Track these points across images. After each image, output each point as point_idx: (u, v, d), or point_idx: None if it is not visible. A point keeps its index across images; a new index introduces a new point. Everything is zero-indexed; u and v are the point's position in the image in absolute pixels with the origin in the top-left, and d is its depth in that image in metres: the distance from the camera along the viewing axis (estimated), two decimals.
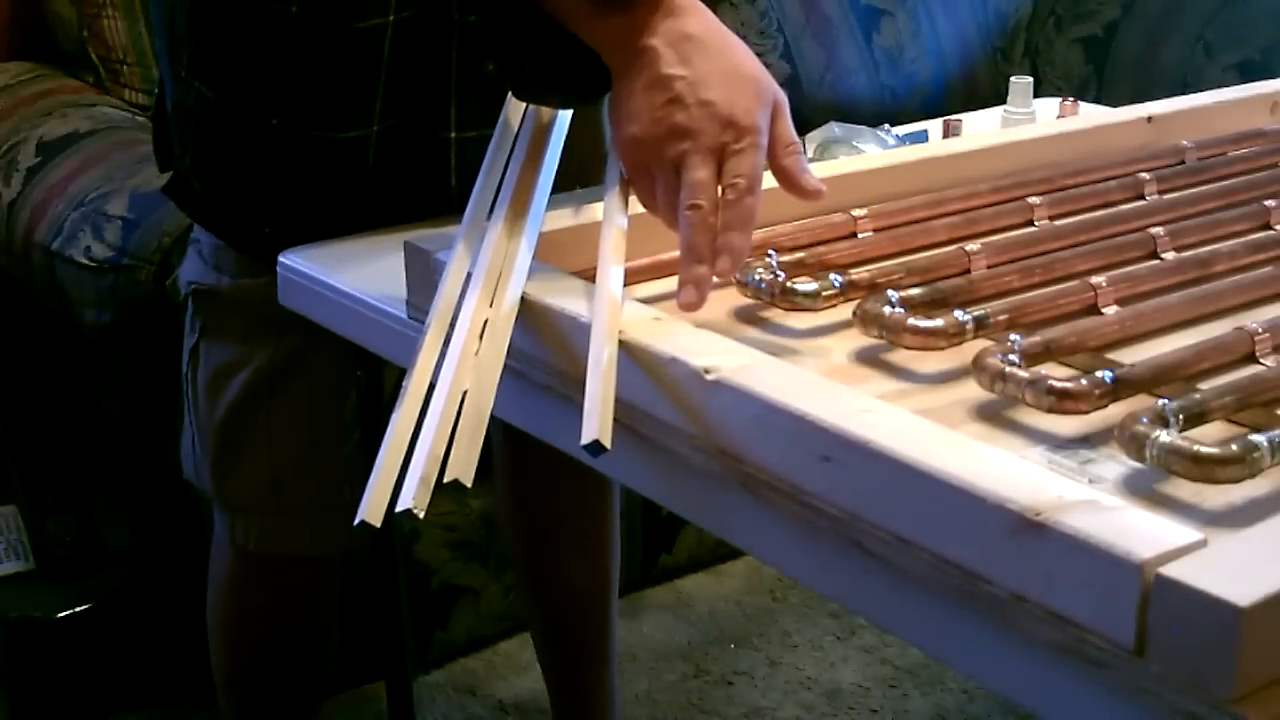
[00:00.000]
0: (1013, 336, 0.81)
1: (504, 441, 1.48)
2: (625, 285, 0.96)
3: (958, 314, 0.85)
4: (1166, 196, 1.13)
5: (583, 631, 1.57)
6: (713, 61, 0.92)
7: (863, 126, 1.61)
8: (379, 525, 0.77)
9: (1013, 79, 1.75)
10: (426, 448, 0.78)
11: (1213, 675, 0.57)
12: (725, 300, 0.96)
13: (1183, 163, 1.20)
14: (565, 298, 0.87)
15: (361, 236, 1.16)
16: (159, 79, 1.25)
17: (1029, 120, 1.69)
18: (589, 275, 0.94)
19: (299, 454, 1.26)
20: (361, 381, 1.25)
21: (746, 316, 0.94)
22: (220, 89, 1.15)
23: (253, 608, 1.38)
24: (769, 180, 0.99)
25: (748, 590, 2.12)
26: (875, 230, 1.04)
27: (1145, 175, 1.15)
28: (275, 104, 1.13)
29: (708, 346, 0.80)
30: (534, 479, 1.52)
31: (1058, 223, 1.07)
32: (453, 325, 0.87)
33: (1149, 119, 1.26)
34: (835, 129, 1.60)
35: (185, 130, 1.20)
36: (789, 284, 0.91)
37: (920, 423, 0.71)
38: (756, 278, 0.93)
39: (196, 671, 1.53)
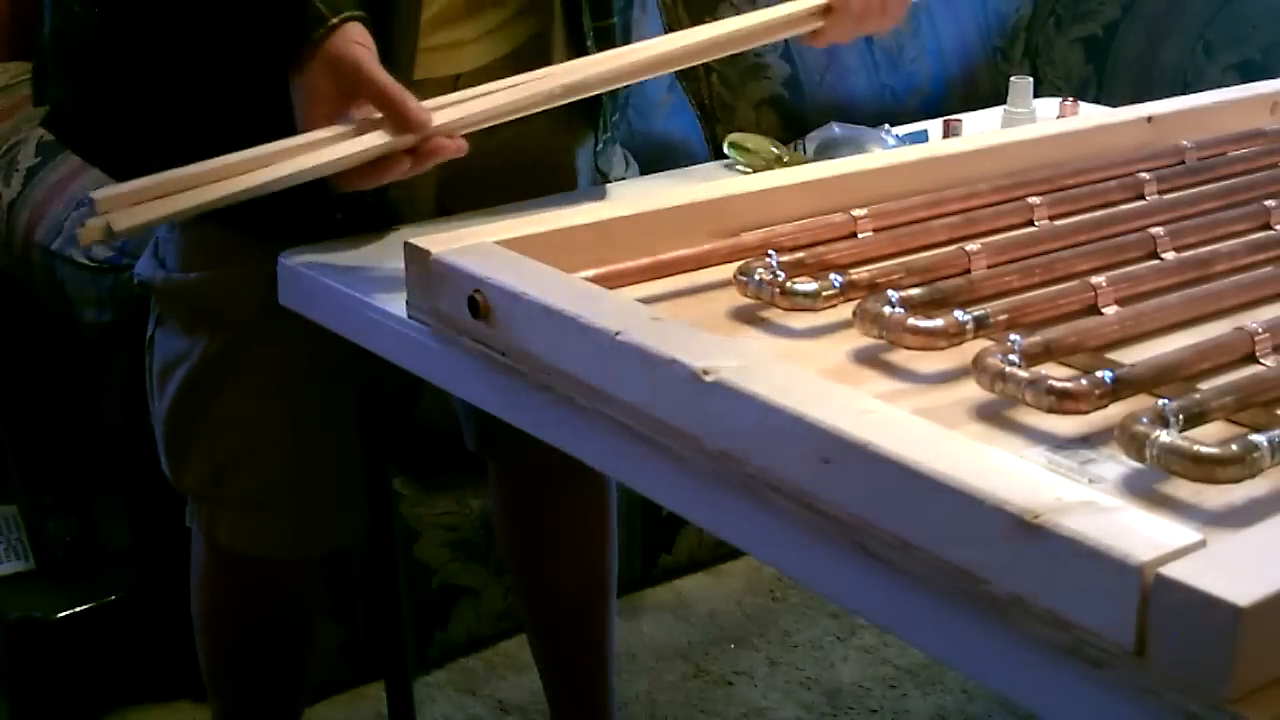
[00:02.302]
0: (1013, 336, 0.81)
1: (498, 446, 1.48)
2: (624, 285, 0.96)
3: (958, 314, 0.85)
4: (1166, 196, 1.13)
5: (579, 634, 1.57)
6: None
7: (863, 126, 1.61)
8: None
9: (1013, 79, 1.75)
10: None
11: (1212, 675, 0.57)
12: (725, 300, 0.96)
13: (1183, 163, 1.20)
14: (565, 298, 0.87)
15: (361, 236, 1.16)
16: (40, 8, 1.24)
17: (1029, 120, 1.69)
18: (589, 276, 0.94)
19: (237, 450, 1.27)
20: (362, 381, 1.25)
21: (746, 316, 0.94)
22: (103, 13, 1.14)
23: (222, 599, 1.40)
24: (769, 180, 0.99)
25: (747, 590, 2.12)
26: (875, 230, 1.04)
27: (1145, 175, 1.15)
28: (159, 32, 1.12)
29: (707, 347, 0.80)
30: (529, 482, 1.51)
31: (1058, 223, 1.07)
32: None
33: (1149, 119, 1.26)
34: (835, 129, 1.60)
35: (64, 58, 1.19)
36: (789, 284, 0.91)
37: (920, 423, 0.71)
38: (756, 278, 0.93)
39: (194, 668, 1.53)
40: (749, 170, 1.45)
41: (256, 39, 1.05)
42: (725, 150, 1.51)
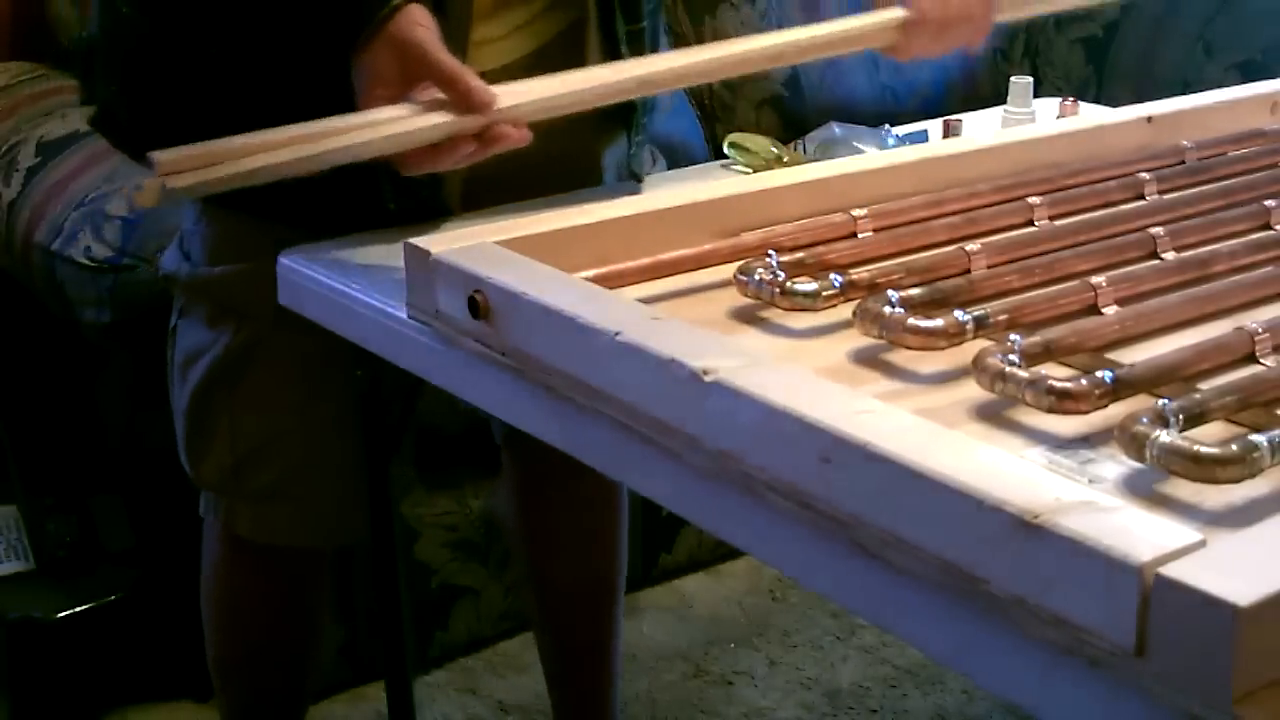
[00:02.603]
0: (1013, 336, 0.81)
1: (508, 441, 1.48)
2: (624, 285, 0.96)
3: (958, 314, 0.85)
4: (1166, 196, 1.13)
5: (585, 633, 1.56)
6: None
7: (862, 126, 1.61)
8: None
9: (1013, 79, 1.75)
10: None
11: (1212, 675, 0.57)
12: (724, 300, 0.96)
13: (1183, 163, 1.20)
14: (565, 298, 0.87)
15: (361, 236, 1.16)
16: (93, 9, 1.25)
17: (1029, 120, 1.69)
18: (589, 276, 0.94)
19: (258, 443, 1.27)
20: (362, 382, 1.25)
21: (746, 317, 0.94)
22: (156, 17, 1.15)
23: (236, 592, 1.40)
24: (769, 180, 0.99)
25: (748, 590, 2.12)
26: (875, 230, 1.04)
27: (1145, 175, 1.15)
28: (212, 24, 1.13)
29: (707, 347, 0.80)
30: (539, 478, 1.51)
31: (1058, 223, 1.07)
32: None
33: (1149, 119, 1.26)
34: (835, 129, 1.60)
35: (113, 58, 1.20)
36: (789, 284, 0.91)
37: (920, 423, 0.71)
38: (756, 278, 0.93)
39: (195, 668, 1.53)
40: (749, 170, 1.45)
41: (318, 23, 1.05)
42: (725, 150, 1.51)
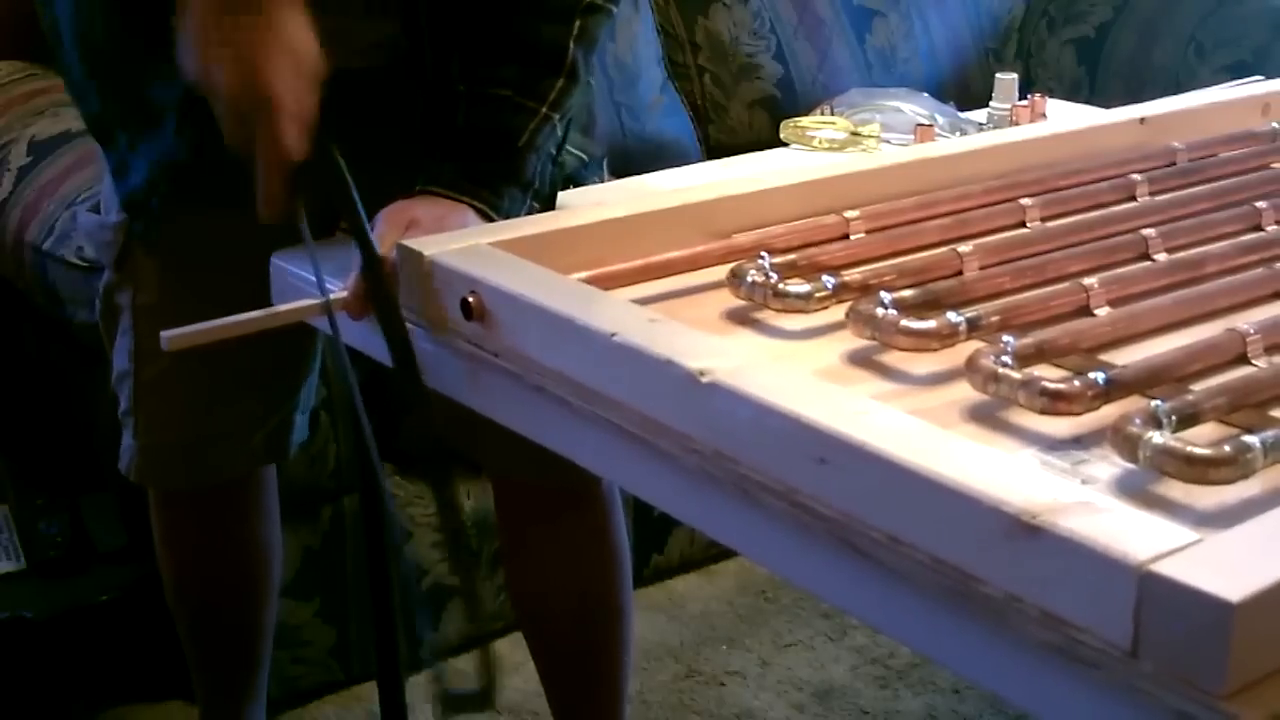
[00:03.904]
0: (1005, 338, 0.81)
1: (494, 445, 1.46)
2: (616, 287, 0.96)
3: (950, 315, 0.85)
4: (1158, 198, 1.13)
5: (569, 642, 1.53)
6: None
7: (885, 88, 1.58)
8: None
9: (998, 75, 1.75)
10: None
11: (1206, 672, 0.57)
12: (717, 302, 0.96)
13: (1174, 164, 1.20)
14: (561, 299, 0.87)
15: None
16: None
17: (1008, 116, 1.70)
18: (582, 278, 0.94)
19: (142, 388, 1.33)
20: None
21: (739, 318, 0.94)
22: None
23: (158, 540, 1.48)
24: (761, 181, 0.99)
25: (739, 591, 2.12)
26: (868, 232, 1.04)
27: (1137, 176, 1.15)
28: None
29: (702, 348, 0.80)
30: (524, 482, 1.50)
31: (1050, 224, 1.08)
32: None
33: (1141, 120, 1.27)
34: (856, 95, 1.57)
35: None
36: (781, 285, 0.91)
37: (916, 424, 0.71)
38: (749, 279, 0.93)
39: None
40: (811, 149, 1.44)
41: None
42: (783, 137, 1.49)
